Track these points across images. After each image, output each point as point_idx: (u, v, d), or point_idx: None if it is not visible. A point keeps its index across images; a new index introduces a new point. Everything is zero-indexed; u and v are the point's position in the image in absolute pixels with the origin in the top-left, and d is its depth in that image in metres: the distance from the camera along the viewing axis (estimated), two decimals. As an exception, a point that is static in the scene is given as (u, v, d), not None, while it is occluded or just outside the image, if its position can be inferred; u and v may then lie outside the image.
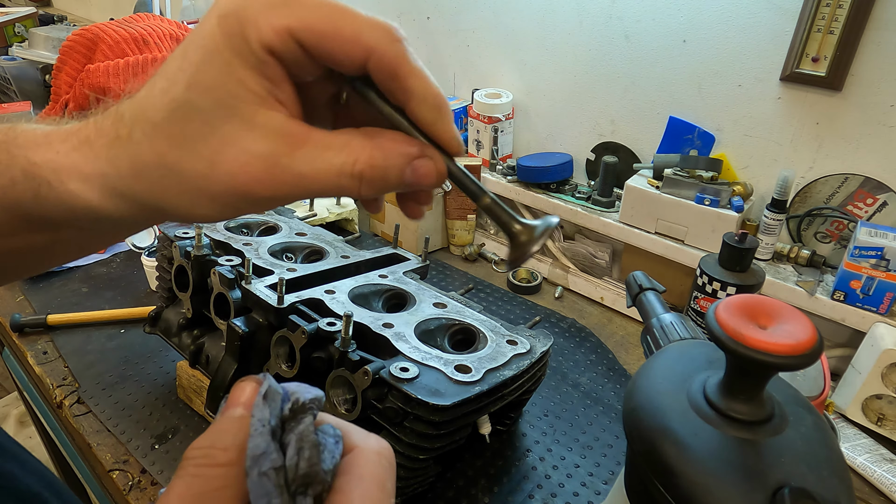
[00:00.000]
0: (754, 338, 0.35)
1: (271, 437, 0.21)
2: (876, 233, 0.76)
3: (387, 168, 0.25)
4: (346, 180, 0.25)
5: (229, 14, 0.23)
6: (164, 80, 0.25)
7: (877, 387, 0.75)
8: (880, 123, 0.78)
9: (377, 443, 0.25)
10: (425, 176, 0.26)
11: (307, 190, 0.25)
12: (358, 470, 0.23)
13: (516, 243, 0.28)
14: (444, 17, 1.21)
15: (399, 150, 0.26)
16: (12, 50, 1.78)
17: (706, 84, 0.91)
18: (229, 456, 0.21)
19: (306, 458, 0.21)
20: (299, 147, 0.25)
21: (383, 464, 0.24)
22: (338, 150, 0.25)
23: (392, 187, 0.26)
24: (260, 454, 0.20)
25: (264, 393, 0.22)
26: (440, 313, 0.69)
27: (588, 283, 1.07)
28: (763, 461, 0.36)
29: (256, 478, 0.20)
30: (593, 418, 0.79)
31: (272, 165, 0.24)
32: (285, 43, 0.23)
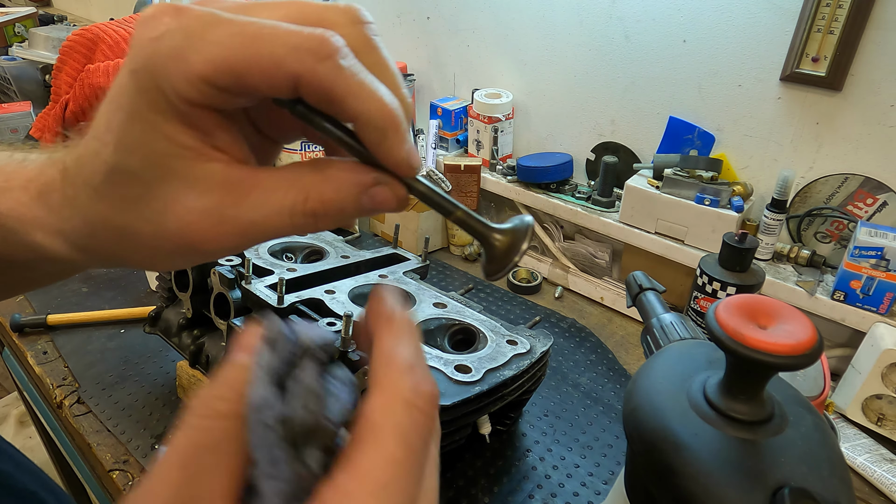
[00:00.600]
0: (754, 338, 0.35)
1: (275, 384, 0.20)
2: (876, 233, 0.76)
3: (340, 201, 0.23)
4: (300, 220, 0.23)
5: (139, 70, 0.21)
6: (95, 141, 0.23)
7: (877, 387, 0.75)
8: (880, 123, 0.78)
9: (411, 387, 0.21)
10: (384, 202, 0.24)
11: (262, 235, 0.24)
12: (374, 419, 0.20)
13: (496, 254, 0.26)
14: (444, 17, 1.21)
15: (351, 179, 0.24)
16: (12, 50, 1.78)
17: (706, 84, 0.91)
18: (231, 406, 0.19)
19: (308, 407, 0.19)
20: (245, 195, 0.23)
21: (413, 416, 0.20)
22: (286, 190, 0.23)
23: (352, 217, 0.25)
24: (261, 403, 0.19)
25: (267, 338, 0.21)
26: (440, 313, 0.69)
27: (588, 283, 1.07)
28: (763, 461, 0.36)
29: (258, 429, 0.19)
30: (593, 418, 0.79)
31: (219, 220, 0.23)
32: (203, 92, 0.21)
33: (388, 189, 0.24)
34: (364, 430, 0.20)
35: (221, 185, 0.23)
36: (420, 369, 0.22)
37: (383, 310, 0.24)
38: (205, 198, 0.23)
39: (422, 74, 1.29)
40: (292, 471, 0.19)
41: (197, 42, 0.20)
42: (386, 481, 0.19)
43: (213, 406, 0.20)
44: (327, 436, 0.19)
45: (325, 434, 0.19)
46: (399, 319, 0.24)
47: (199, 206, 0.23)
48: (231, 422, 0.19)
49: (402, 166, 0.24)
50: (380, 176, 0.24)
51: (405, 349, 0.22)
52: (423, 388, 0.21)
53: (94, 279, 1.03)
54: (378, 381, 0.21)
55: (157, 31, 0.21)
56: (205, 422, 0.19)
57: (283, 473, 0.19)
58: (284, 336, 0.21)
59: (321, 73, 0.21)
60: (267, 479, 0.19)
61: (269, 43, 0.21)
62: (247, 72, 0.21)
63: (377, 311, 0.24)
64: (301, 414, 0.19)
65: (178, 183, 0.22)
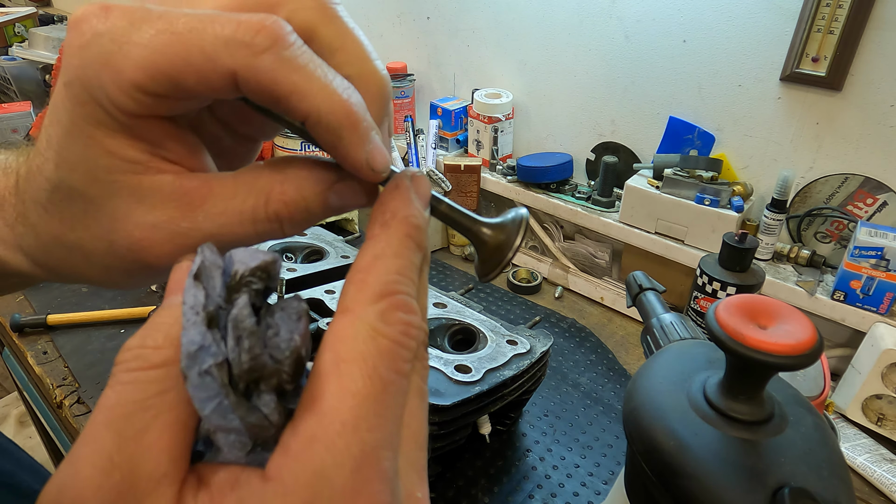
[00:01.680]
0: (754, 338, 0.35)
1: (211, 325, 0.17)
2: (876, 233, 0.76)
3: (304, 201, 0.21)
4: (264, 226, 0.21)
5: (71, 82, 0.19)
6: (38, 156, 0.21)
7: (877, 387, 0.75)
8: (880, 123, 0.78)
9: (378, 313, 0.18)
10: (353, 198, 0.22)
11: (223, 247, 0.21)
12: (337, 350, 0.18)
13: (486, 251, 0.23)
14: (444, 17, 1.21)
15: (313, 177, 0.21)
16: (12, 50, 1.79)
17: (706, 84, 0.91)
18: (163, 354, 0.17)
19: (246, 348, 0.17)
20: (199, 205, 0.21)
21: (380, 345, 0.18)
22: (245, 196, 0.21)
23: (321, 217, 0.22)
24: (196, 350, 0.16)
25: (195, 272, 0.17)
26: (440, 313, 0.69)
27: (588, 283, 1.07)
28: (763, 461, 0.36)
29: (196, 379, 0.16)
30: (593, 418, 0.79)
31: (173, 234, 0.21)
32: (141, 101, 0.19)
33: (355, 184, 0.22)
34: (325, 363, 0.18)
35: (172, 198, 0.21)
36: (399, 294, 0.19)
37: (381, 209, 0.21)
38: (155, 212, 0.20)
39: (422, 74, 1.29)
40: (244, 419, 0.17)
41: (125, 46, 0.18)
42: (355, 420, 0.17)
43: (145, 357, 0.17)
44: (274, 375, 0.17)
45: (271, 374, 0.17)
46: (397, 223, 0.21)
47: (149, 222, 0.20)
48: (165, 370, 0.17)
49: (362, 170, 0.21)
50: (343, 172, 0.22)
51: (385, 266, 0.20)
52: (395, 315, 0.19)
53: (94, 279, 1.03)
54: (344, 307, 0.19)
55: (85, 38, 0.19)
56: (137, 375, 0.17)
57: (233, 423, 0.17)
58: (218, 268, 0.18)
59: (259, 69, 0.18)
60: (218, 431, 0.17)
61: (199, 38, 0.18)
62: (180, 74, 0.18)
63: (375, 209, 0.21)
64: (242, 357, 0.17)
65: (126, 198, 0.20)
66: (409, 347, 0.19)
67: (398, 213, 0.21)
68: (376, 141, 0.21)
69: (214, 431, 0.17)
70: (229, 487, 0.16)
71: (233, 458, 0.17)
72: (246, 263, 0.18)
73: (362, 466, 0.16)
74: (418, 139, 1.20)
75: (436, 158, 1.18)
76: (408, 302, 0.19)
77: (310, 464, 0.16)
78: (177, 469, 0.16)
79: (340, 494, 0.16)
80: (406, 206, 0.21)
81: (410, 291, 0.20)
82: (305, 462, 0.16)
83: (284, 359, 0.17)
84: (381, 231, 0.20)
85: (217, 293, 0.17)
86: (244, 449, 0.17)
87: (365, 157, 0.20)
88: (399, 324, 0.19)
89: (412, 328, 0.19)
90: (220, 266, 0.18)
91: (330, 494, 0.16)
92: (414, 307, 0.19)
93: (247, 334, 0.17)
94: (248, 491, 0.16)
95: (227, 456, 0.17)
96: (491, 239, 0.23)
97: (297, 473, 0.16)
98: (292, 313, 0.18)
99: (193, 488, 0.16)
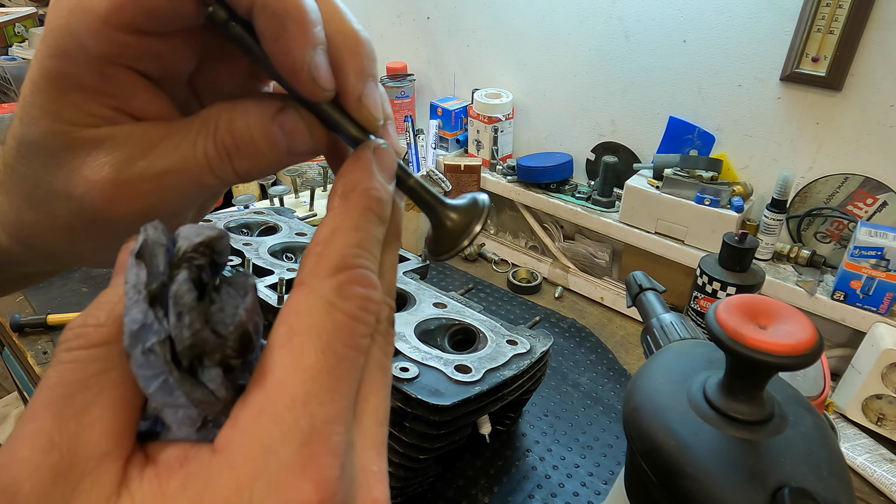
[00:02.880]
0: (754, 338, 0.35)
1: (152, 303, 0.16)
2: (876, 233, 0.76)
3: (249, 130, 0.20)
4: (214, 160, 0.21)
5: (47, 36, 0.19)
6: (14, 119, 0.22)
7: (877, 387, 0.75)
8: (880, 123, 0.78)
9: (335, 286, 0.18)
10: (293, 134, 0.21)
11: (178, 186, 0.21)
12: (290, 323, 0.18)
13: (445, 234, 0.23)
14: (444, 17, 1.21)
15: (260, 106, 0.21)
16: (12, 50, 1.79)
17: (706, 84, 0.91)
18: (105, 332, 0.17)
19: (186, 324, 0.16)
20: (157, 144, 0.21)
21: (336, 319, 0.18)
22: (198, 130, 0.21)
23: (270, 158, 0.21)
24: (138, 328, 0.16)
25: (137, 250, 0.17)
26: (440, 313, 0.69)
27: (588, 283, 1.07)
28: (763, 461, 0.36)
29: (140, 357, 0.16)
30: (593, 418, 0.79)
31: (128, 174, 0.20)
32: (114, 41, 0.19)
33: (296, 115, 0.21)
34: (279, 336, 0.17)
35: (129, 140, 0.20)
36: (358, 269, 0.19)
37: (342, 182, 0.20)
38: (112, 155, 0.20)
39: (422, 74, 1.29)
40: (189, 395, 0.16)
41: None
42: (304, 395, 0.16)
43: (86, 336, 0.17)
44: (217, 350, 0.17)
45: (214, 349, 0.17)
46: (357, 196, 0.20)
47: (107, 164, 0.20)
48: (107, 349, 0.17)
49: (302, 76, 0.19)
50: (290, 101, 0.21)
51: (343, 240, 0.19)
52: (352, 289, 0.18)
53: (94, 279, 1.03)
54: (300, 280, 0.19)
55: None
56: (78, 354, 0.16)
57: (179, 400, 0.17)
58: (162, 246, 0.18)
59: None
60: (166, 408, 0.17)
61: None
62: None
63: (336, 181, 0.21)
64: (184, 333, 0.16)
65: (87, 147, 0.20)
66: (367, 322, 0.18)
67: (358, 185, 0.20)
68: (322, 57, 0.20)
69: (162, 409, 0.17)
70: (178, 463, 0.16)
71: (183, 436, 0.17)
72: (190, 239, 0.17)
73: (310, 441, 0.16)
74: (418, 139, 1.20)
75: (436, 158, 1.18)
76: (366, 276, 0.19)
77: (257, 437, 0.16)
78: (119, 447, 0.16)
79: (287, 468, 0.16)
80: (367, 178, 0.20)
81: (370, 265, 0.19)
82: (252, 435, 0.16)
83: (229, 334, 0.17)
84: (340, 203, 0.20)
85: (161, 271, 0.17)
86: (194, 425, 0.17)
87: (307, 60, 0.19)
88: (356, 298, 0.18)
89: (371, 303, 0.19)
90: (164, 244, 0.17)
91: (276, 468, 0.16)
92: (373, 281, 0.19)
93: (187, 310, 0.16)
94: (196, 465, 0.16)
95: (178, 433, 0.17)
96: (452, 223, 0.23)
97: (244, 447, 0.16)
98: (239, 288, 0.18)
99: (140, 465, 0.16)
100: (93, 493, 0.15)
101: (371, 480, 0.18)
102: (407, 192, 0.23)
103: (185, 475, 0.16)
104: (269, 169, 0.22)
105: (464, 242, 0.23)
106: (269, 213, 0.93)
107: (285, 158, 0.22)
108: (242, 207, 1.05)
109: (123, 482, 0.16)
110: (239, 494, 0.15)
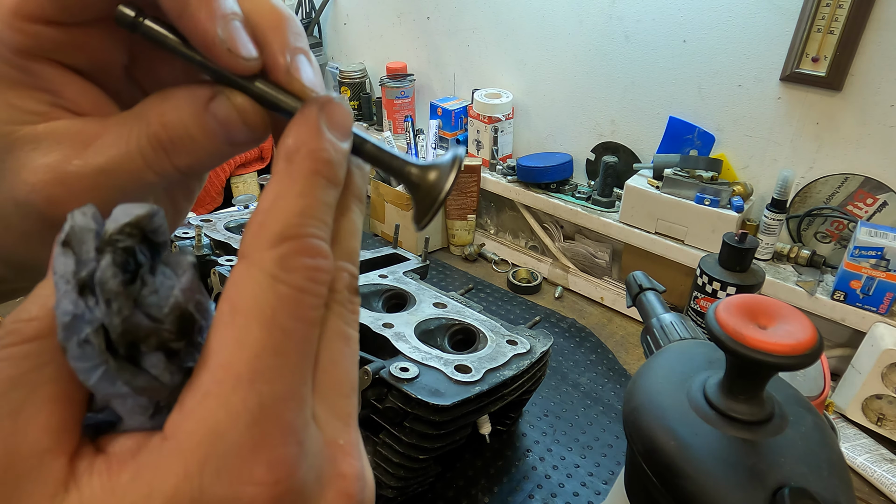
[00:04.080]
0: (754, 338, 0.35)
1: (83, 292, 0.16)
2: (876, 233, 0.76)
3: (182, 121, 0.20)
4: (149, 153, 0.20)
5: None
6: None
7: (877, 387, 0.75)
8: (880, 123, 0.78)
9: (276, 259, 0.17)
10: (227, 121, 0.20)
11: (117, 184, 0.20)
12: (232, 299, 0.17)
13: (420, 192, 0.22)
14: (444, 17, 1.21)
15: (191, 95, 0.20)
16: None
17: (706, 84, 0.91)
18: (37, 326, 0.16)
19: (115, 310, 0.15)
20: (91, 142, 0.20)
21: (279, 292, 0.17)
22: (131, 124, 0.20)
23: (210, 150, 0.20)
24: (69, 320, 0.15)
25: (63, 238, 0.16)
26: (440, 313, 0.69)
27: (588, 283, 1.07)
28: (763, 461, 0.36)
29: (76, 350, 0.15)
30: (593, 418, 0.79)
31: (65, 175, 0.20)
32: (28, 32, 0.19)
33: (226, 101, 0.20)
34: (222, 314, 0.17)
35: (65, 138, 0.20)
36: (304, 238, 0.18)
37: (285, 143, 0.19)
38: (49, 155, 0.20)
39: (422, 74, 1.29)
40: (130, 384, 0.16)
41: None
42: (251, 374, 0.16)
43: (19, 331, 0.16)
44: (153, 335, 0.16)
45: (148, 333, 0.16)
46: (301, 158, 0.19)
47: (42, 165, 0.20)
48: (40, 343, 0.16)
49: (217, 48, 0.18)
50: (218, 87, 0.20)
51: (287, 207, 0.18)
52: (297, 260, 0.17)
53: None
54: (241, 252, 0.18)
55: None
56: (11, 351, 0.16)
57: (122, 389, 0.16)
58: (90, 231, 0.17)
59: None
60: (112, 399, 0.16)
61: None
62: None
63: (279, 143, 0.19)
64: (114, 321, 0.16)
65: (25, 148, 0.20)
66: (316, 293, 0.17)
67: (303, 146, 0.19)
68: (236, 26, 0.19)
69: (110, 400, 0.16)
70: (130, 455, 0.16)
71: (137, 425, 0.17)
72: (116, 221, 0.16)
73: (260, 420, 0.16)
74: (418, 139, 1.20)
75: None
76: (314, 245, 0.18)
77: (203, 421, 0.15)
78: (60, 443, 0.16)
79: (237, 450, 0.15)
80: (314, 137, 0.19)
81: (318, 233, 0.18)
82: (199, 419, 0.15)
83: (164, 316, 0.16)
84: (283, 167, 0.18)
85: (91, 257, 0.16)
86: (146, 413, 0.17)
87: (217, 30, 0.18)
88: (302, 269, 0.17)
89: (319, 272, 0.18)
90: (93, 229, 0.17)
91: (225, 450, 0.15)
92: (321, 250, 0.18)
93: (114, 296, 0.16)
94: (146, 454, 0.16)
95: (131, 423, 0.17)
96: (422, 180, 0.22)
97: (191, 431, 0.15)
98: (177, 268, 0.17)
99: (89, 459, 0.16)
100: (35, 493, 0.15)
101: (338, 454, 0.17)
102: (366, 158, 0.21)
103: (137, 466, 0.15)
104: (212, 161, 0.21)
105: (439, 197, 0.21)
106: (269, 213, 0.93)
107: (226, 149, 0.21)
108: (242, 207, 1.05)
109: (71, 478, 0.15)
110: (188, 481, 0.15)
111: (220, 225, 0.83)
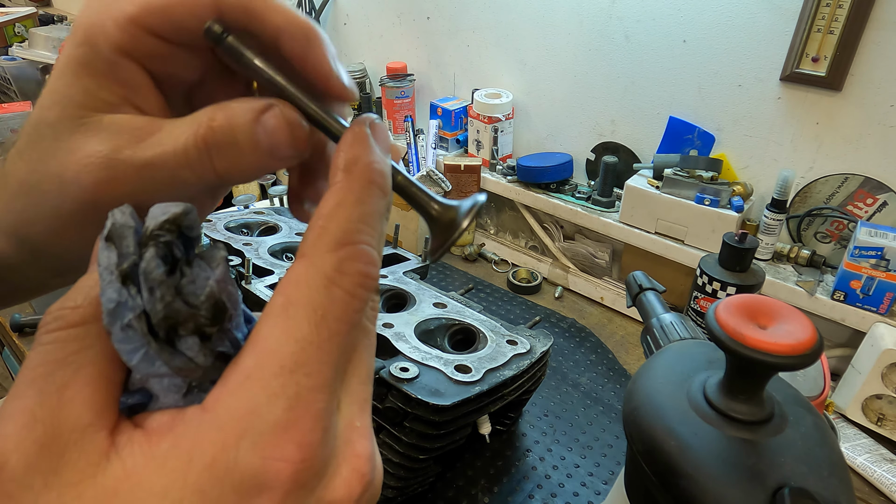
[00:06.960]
0: (754, 338, 0.35)
1: (125, 282, 0.17)
2: (876, 233, 0.76)
3: (231, 128, 0.21)
4: (193, 153, 0.21)
5: (76, 29, 0.22)
6: (35, 105, 0.24)
7: (877, 387, 0.75)
8: (880, 123, 0.78)
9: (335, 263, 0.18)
10: (275, 131, 0.22)
11: (158, 177, 0.22)
12: (288, 294, 0.18)
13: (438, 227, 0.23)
14: (444, 17, 1.21)
15: (246, 105, 0.22)
16: (12, 50, 1.79)
17: (706, 84, 0.91)
18: (81, 313, 0.18)
19: (158, 297, 0.17)
20: (147, 137, 0.22)
21: (333, 295, 0.18)
22: (185, 126, 0.22)
23: (250, 155, 0.22)
24: (114, 306, 0.17)
25: (105, 234, 0.18)
26: (440, 313, 0.69)
27: (588, 283, 1.07)
28: (763, 461, 0.36)
29: (119, 333, 0.17)
30: (593, 418, 0.79)
31: (115, 162, 0.21)
32: (134, 36, 0.21)
33: (279, 112, 0.22)
34: (275, 306, 0.18)
35: (125, 130, 0.22)
36: (360, 244, 0.19)
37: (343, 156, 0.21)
38: (106, 143, 0.22)
39: (422, 74, 1.29)
40: (169, 363, 0.18)
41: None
42: (293, 364, 0.17)
43: (64, 317, 0.18)
44: (190, 320, 0.18)
45: (187, 318, 0.18)
46: (359, 170, 0.20)
47: (98, 150, 0.21)
48: (84, 328, 0.18)
49: (334, 81, 0.22)
50: (274, 100, 0.22)
51: (347, 214, 0.19)
52: (353, 266, 0.19)
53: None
54: (302, 252, 0.19)
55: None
56: (57, 335, 0.17)
57: (161, 369, 0.18)
58: (130, 228, 0.19)
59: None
60: (150, 378, 0.18)
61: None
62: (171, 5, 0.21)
63: (336, 156, 0.21)
64: (157, 307, 0.17)
65: (88, 132, 0.22)
66: (363, 298, 0.19)
67: (360, 159, 0.20)
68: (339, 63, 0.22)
69: (147, 379, 0.18)
70: (167, 427, 0.17)
71: (171, 402, 0.18)
72: (156, 218, 0.18)
73: (295, 406, 0.17)
74: (418, 139, 1.20)
75: (436, 158, 1.18)
76: (368, 252, 0.19)
77: (244, 399, 0.17)
78: (101, 418, 0.17)
79: (272, 428, 0.17)
80: (368, 152, 0.21)
81: (372, 241, 0.20)
82: (240, 397, 0.17)
83: (200, 303, 0.18)
84: (343, 177, 0.20)
85: (131, 251, 0.18)
86: (180, 391, 0.18)
87: (335, 69, 0.22)
88: (356, 275, 0.19)
89: (369, 279, 0.19)
90: (132, 226, 0.19)
91: (262, 428, 0.17)
92: (373, 258, 0.19)
93: (157, 284, 0.17)
94: (184, 426, 0.17)
95: (165, 401, 0.18)
96: (441, 216, 0.23)
97: (232, 407, 0.17)
98: (211, 261, 0.19)
99: (129, 433, 0.17)
100: (80, 461, 0.16)
101: (354, 436, 0.19)
102: (395, 188, 0.23)
103: (175, 437, 0.17)
104: (249, 171, 0.22)
105: (454, 234, 0.23)
106: (269, 213, 0.93)
107: (266, 161, 0.22)
108: (242, 207, 1.05)
109: (113, 449, 0.17)
110: (225, 452, 0.16)
111: (221, 225, 0.83)
